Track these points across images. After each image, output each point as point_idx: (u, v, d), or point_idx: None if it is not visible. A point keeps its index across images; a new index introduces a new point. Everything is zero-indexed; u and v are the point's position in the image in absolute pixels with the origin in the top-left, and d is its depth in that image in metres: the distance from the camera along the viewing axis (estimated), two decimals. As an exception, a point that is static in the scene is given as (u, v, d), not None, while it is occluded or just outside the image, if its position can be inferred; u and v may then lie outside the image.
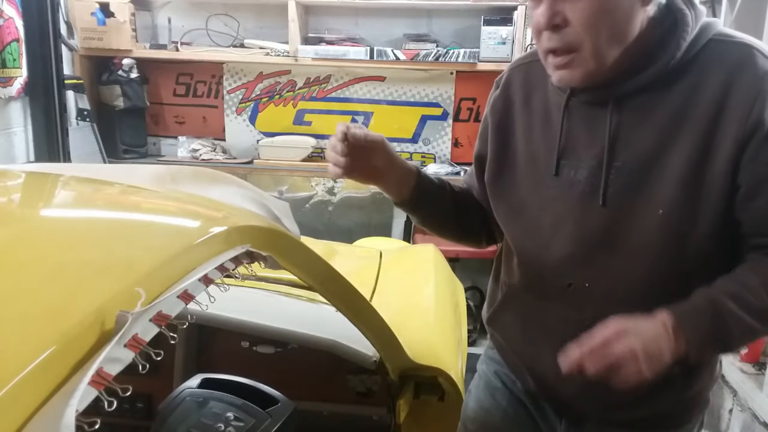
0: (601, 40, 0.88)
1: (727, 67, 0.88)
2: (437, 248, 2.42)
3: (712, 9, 2.48)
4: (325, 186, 3.78)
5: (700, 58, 0.90)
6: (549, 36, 0.90)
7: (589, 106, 0.97)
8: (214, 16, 3.56)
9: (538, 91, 1.05)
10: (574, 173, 0.98)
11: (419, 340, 1.44)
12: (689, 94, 0.89)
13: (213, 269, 0.71)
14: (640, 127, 0.92)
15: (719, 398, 2.31)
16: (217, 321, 1.35)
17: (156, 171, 1.23)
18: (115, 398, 0.48)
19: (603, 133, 0.94)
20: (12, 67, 2.80)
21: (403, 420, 1.32)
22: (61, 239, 0.71)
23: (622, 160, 0.93)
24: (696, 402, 1.06)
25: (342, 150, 0.99)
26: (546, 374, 1.06)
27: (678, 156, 0.89)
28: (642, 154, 0.92)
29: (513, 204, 1.07)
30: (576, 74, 0.91)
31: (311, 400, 1.46)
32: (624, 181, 0.93)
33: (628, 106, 0.93)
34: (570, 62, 0.90)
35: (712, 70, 0.89)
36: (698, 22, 0.91)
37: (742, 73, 0.87)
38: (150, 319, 0.56)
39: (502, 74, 1.14)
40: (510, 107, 1.09)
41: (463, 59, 3.25)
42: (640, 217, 0.92)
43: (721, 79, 0.88)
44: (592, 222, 0.95)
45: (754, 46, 0.89)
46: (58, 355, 0.47)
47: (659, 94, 0.91)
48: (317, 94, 3.66)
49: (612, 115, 0.94)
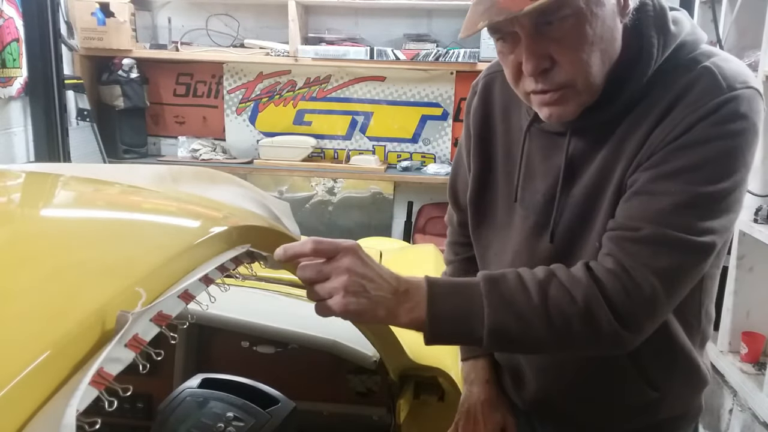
0: (593, 70, 0.81)
1: (676, 91, 0.82)
2: (437, 248, 2.42)
3: (713, 9, 2.48)
4: (325, 186, 3.79)
5: (657, 87, 0.83)
6: (534, 80, 0.82)
7: (548, 134, 0.93)
8: (214, 16, 3.56)
9: (515, 107, 1.00)
10: (530, 202, 0.95)
11: (419, 340, 1.43)
12: (635, 122, 0.84)
13: (213, 269, 0.71)
14: (589, 160, 0.89)
15: (719, 398, 2.31)
16: (218, 321, 1.35)
17: (156, 171, 1.23)
18: (116, 398, 0.48)
19: (558, 166, 0.91)
20: (12, 67, 2.80)
21: (403, 420, 1.32)
22: (61, 239, 0.71)
23: (573, 193, 0.90)
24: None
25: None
26: (524, 383, 1.07)
27: (613, 185, 0.85)
28: (586, 187, 0.88)
29: (491, 224, 1.04)
30: (569, 109, 0.84)
31: (311, 400, 1.46)
32: (571, 215, 0.90)
33: (583, 137, 0.89)
34: (559, 99, 0.83)
35: (663, 97, 0.82)
36: (666, 49, 0.84)
37: (684, 97, 0.80)
38: (150, 319, 0.56)
39: (477, 79, 1.08)
40: (489, 117, 1.04)
41: (463, 59, 3.25)
42: (583, 252, 0.89)
43: (663, 105, 0.82)
44: (542, 255, 0.92)
45: (713, 69, 0.81)
46: (58, 355, 0.47)
47: (612, 125, 0.86)
48: (317, 94, 3.66)
49: (569, 146, 0.90)
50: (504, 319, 0.80)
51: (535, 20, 0.78)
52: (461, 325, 0.81)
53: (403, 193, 3.72)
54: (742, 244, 2.30)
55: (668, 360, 0.96)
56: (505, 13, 0.74)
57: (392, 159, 3.71)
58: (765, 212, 2.20)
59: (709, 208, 0.80)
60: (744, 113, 0.79)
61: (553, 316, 0.79)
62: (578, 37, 0.78)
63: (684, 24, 0.87)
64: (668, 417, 1.01)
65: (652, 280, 0.79)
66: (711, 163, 0.79)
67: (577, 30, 0.78)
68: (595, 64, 0.81)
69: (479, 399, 1.12)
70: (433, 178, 3.40)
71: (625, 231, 0.81)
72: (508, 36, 0.82)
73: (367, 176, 3.59)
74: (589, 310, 0.79)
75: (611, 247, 0.82)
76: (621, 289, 0.79)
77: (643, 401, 0.97)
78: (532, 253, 0.94)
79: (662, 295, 0.80)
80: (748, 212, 2.22)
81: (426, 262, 2.24)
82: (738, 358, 2.35)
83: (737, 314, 2.37)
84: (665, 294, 0.80)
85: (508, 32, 0.81)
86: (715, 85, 0.80)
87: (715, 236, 0.81)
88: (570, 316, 0.79)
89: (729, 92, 0.79)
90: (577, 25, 0.78)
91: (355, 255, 0.77)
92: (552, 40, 0.79)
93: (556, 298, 0.80)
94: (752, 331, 2.35)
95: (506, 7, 0.74)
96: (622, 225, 0.82)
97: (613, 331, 0.79)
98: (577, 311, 0.79)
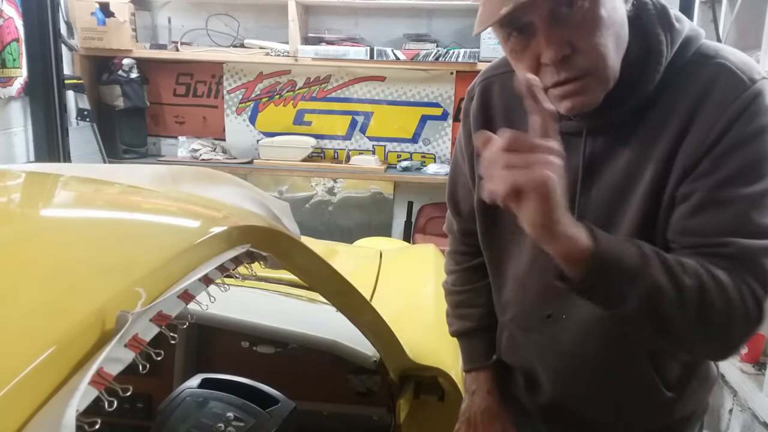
0: (611, 54, 0.80)
1: (698, 89, 0.82)
2: (437, 248, 2.42)
3: (713, 9, 2.48)
4: (325, 186, 3.79)
5: (673, 84, 0.84)
6: (555, 70, 0.80)
7: (562, 135, 0.90)
8: (214, 16, 3.56)
9: (519, 110, 0.97)
10: None
11: (419, 340, 1.44)
12: (658, 122, 0.84)
13: (213, 269, 0.71)
14: (609, 160, 0.88)
15: (719, 398, 2.31)
16: (217, 321, 1.35)
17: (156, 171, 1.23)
18: (116, 398, 0.48)
19: (576, 165, 0.90)
20: (12, 67, 2.80)
21: (403, 420, 1.32)
22: (61, 239, 0.71)
23: (593, 193, 0.90)
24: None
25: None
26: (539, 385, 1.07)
27: (643, 186, 0.85)
28: (611, 188, 0.88)
29: (501, 230, 1.03)
30: (590, 98, 0.82)
31: (311, 400, 1.46)
32: (594, 215, 0.89)
33: (601, 137, 0.89)
34: (581, 88, 0.81)
35: (683, 96, 0.82)
36: (674, 46, 0.84)
37: (709, 95, 0.81)
38: (150, 319, 0.56)
39: (473, 84, 1.06)
40: (491, 121, 1.02)
41: (463, 59, 3.25)
42: None
43: (689, 104, 0.82)
44: None
45: (728, 64, 0.82)
46: (58, 355, 0.47)
47: (631, 125, 0.86)
48: (317, 94, 3.66)
49: (585, 146, 0.89)
50: (665, 286, 0.76)
51: (551, 6, 0.77)
52: (624, 269, 0.76)
53: (403, 193, 3.72)
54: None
55: (684, 360, 0.96)
56: None
57: (392, 159, 3.71)
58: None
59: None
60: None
61: (707, 303, 0.77)
62: (595, 20, 0.78)
63: (684, 20, 0.87)
64: (680, 417, 1.01)
65: (760, 293, 0.78)
66: (760, 160, 0.80)
67: (593, 14, 0.78)
68: (612, 48, 0.80)
69: (480, 408, 1.13)
70: (433, 178, 3.40)
71: (711, 248, 0.80)
72: (524, 28, 0.80)
73: (367, 176, 3.59)
74: (746, 309, 0.77)
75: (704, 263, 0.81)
76: (753, 298, 0.78)
77: (658, 402, 0.97)
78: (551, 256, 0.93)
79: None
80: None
81: (426, 262, 2.24)
82: (738, 358, 2.35)
83: (737, 314, 2.36)
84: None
85: (523, 24, 0.80)
86: (737, 80, 0.80)
87: None
88: (718, 312, 0.77)
89: (752, 85, 0.80)
90: (592, 9, 0.78)
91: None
92: (570, 25, 0.78)
93: (712, 289, 0.77)
94: (752, 331, 2.35)
95: None
96: (704, 243, 0.81)
97: (739, 340, 0.80)
98: (733, 307, 0.77)
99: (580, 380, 1.01)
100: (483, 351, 1.15)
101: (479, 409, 1.13)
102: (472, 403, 1.14)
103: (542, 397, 1.07)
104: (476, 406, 1.14)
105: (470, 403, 1.15)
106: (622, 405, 1.01)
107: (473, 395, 1.15)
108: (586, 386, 1.01)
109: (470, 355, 1.17)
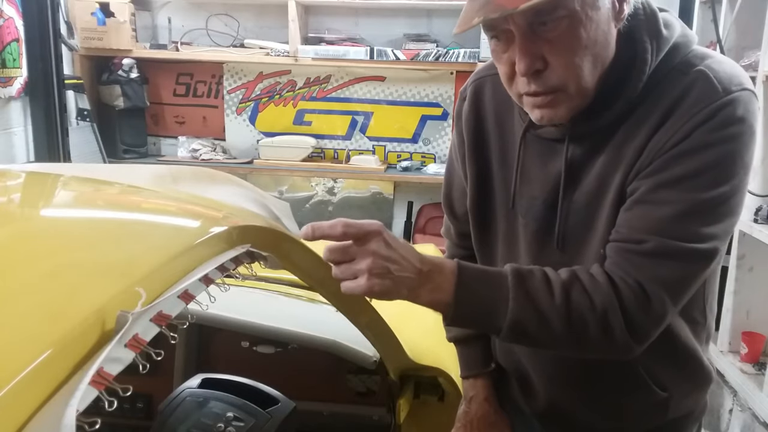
0: (585, 74, 0.81)
1: (674, 96, 0.81)
2: (437, 248, 2.41)
3: (713, 9, 2.48)
4: (325, 186, 3.79)
5: (654, 92, 0.83)
6: (527, 81, 0.81)
7: (545, 141, 0.93)
8: (214, 16, 3.56)
9: (508, 112, 0.99)
10: (528, 209, 0.95)
11: (419, 340, 1.44)
12: (634, 128, 0.84)
13: (213, 269, 0.71)
14: (588, 166, 0.89)
15: (719, 398, 2.31)
16: (218, 321, 1.35)
17: (156, 171, 1.23)
18: (116, 398, 0.48)
19: (558, 171, 0.91)
20: (12, 67, 2.80)
21: (403, 420, 1.32)
22: (61, 239, 0.71)
23: (575, 198, 0.90)
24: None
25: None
26: (534, 390, 1.07)
27: (613, 191, 0.86)
28: (587, 194, 0.89)
29: (493, 232, 1.04)
30: (560, 112, 0.84)
31: (311, 400, 1.46)
32: (575, 219, 0.90)
33: (583, 143, 0.89)
34: (550, 102, 0.82)
35: (660, 103, 0.82)
36: (660, 53, 0.84)
37: (682, 102, 0.80)
38: (150, 319, 0.56)
39: (465, 85, 1.06)
40: (482, 122, 1.02)
41: (463, 59, 3.25)
42: (588, 257, 0.90)
43: (662, 111, 0.82)
44: (549, 262, 0.91)
45: (708, 72, 0.81)
46: (58, 355, 0.47)
47: (610, 132, 0.86)
48: (317, 94, 3.66)
49: (568, 152, 0.89)
50: (526, 315, 0.81)
51: (530, 19, 0.78)
52: (484, 313, 0.83)
53: (403, 193, 3.72)
54: (742, 244, 2.30)
55: (675, 359, 0.96)
56: (500, 10, 0.74)
57: (392, 159, 3.71)
58: (765, 212, 2.20)
59: (710, 213, 0.80)
60: (741, 116, 0.79)
61: (572, 319, 0.81)
62: (572, 39, 0.78)
63: (674, 26, 0.86)
64: (676, 417, 1.01)
65: (661, 294, 0.80)
66: (710, 169, 0.79)
67: (571, 32, 0.78)
68: (587, 69, 0.81)
69: (476, 415, 1.13)
70: (433, 178, 3.40)
71: (630, 243, 0.82)
72: (503, 34, 0.82)
73: (367, 176, 3.59)
74: (606, 319, 0.81)
75: (618, 259, 0.83)
76: (635, 301, 0.80)
77: (653, 402, 0.98)
78: (538, 261, 0.93)
79: (670, 306, 0.82)
80: (748, 212, 2.22)
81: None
82: (738, 358, 2.35)
83: (737, 314, 2.37)
84: (673, 304, 0.82)
85: (502, 30, 0.81)
86: (711, 89, 0.80)
87: (718, 241, 0.81)
88: (588, 322, 0.81)
89: (725, 96, 0.79)
90: (572, 28, 0.78)
91: (380, 237, 0.79)
92: (546, 40, 0.78)
93: (577, 302, 0.81)
94: (752, 331, 2.35)
95: (502, 5, 0.74)
96: (626, 237, 0.83)
97: (624, 340, 0.81)
98: (594, 318, 0.81)
99: (572, 384, 1.01)
100: (481, 358, 1.15)
101: (476, 416, 1.13)
102: (469, 410, 1.15)
103: (538, 401, 1.08)
104: (473, 413, 1.14)
105: (467, 409, 1.15)
106: (616, 406, 1.01)
107: (470, 402, 1.15)
108: (578, 390, 1.01)
109: (468, 362, 1.17)
